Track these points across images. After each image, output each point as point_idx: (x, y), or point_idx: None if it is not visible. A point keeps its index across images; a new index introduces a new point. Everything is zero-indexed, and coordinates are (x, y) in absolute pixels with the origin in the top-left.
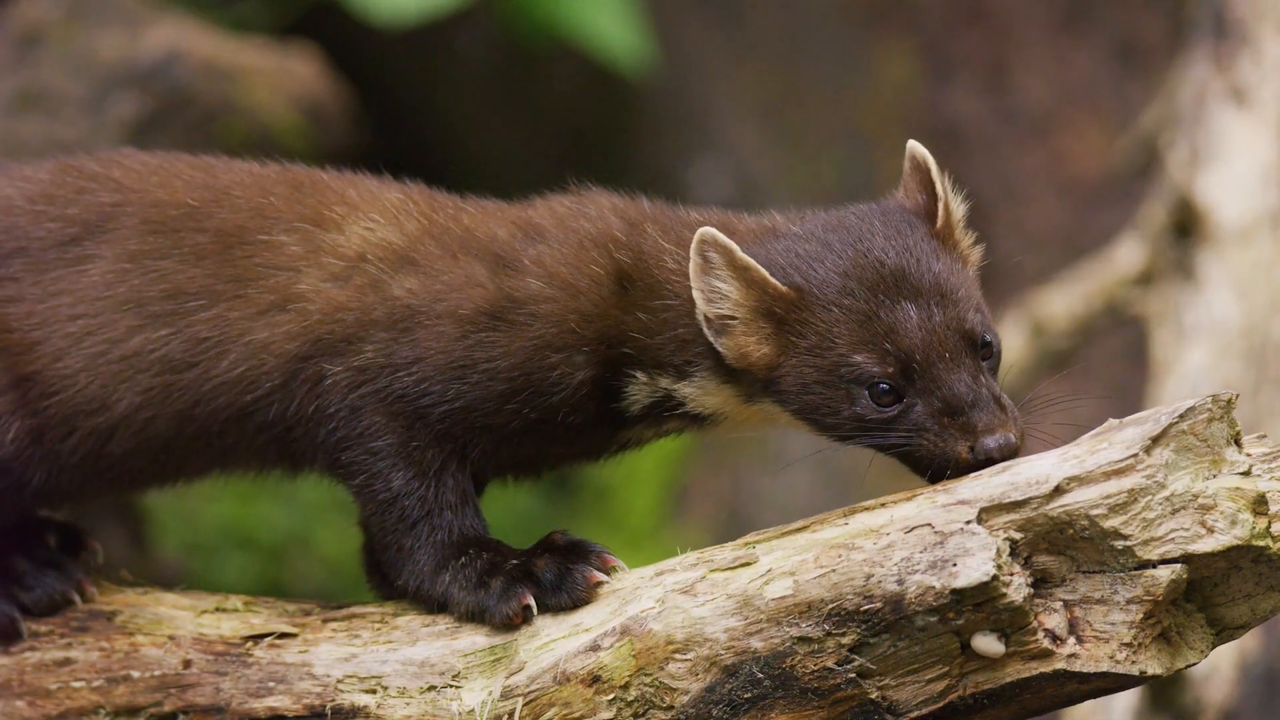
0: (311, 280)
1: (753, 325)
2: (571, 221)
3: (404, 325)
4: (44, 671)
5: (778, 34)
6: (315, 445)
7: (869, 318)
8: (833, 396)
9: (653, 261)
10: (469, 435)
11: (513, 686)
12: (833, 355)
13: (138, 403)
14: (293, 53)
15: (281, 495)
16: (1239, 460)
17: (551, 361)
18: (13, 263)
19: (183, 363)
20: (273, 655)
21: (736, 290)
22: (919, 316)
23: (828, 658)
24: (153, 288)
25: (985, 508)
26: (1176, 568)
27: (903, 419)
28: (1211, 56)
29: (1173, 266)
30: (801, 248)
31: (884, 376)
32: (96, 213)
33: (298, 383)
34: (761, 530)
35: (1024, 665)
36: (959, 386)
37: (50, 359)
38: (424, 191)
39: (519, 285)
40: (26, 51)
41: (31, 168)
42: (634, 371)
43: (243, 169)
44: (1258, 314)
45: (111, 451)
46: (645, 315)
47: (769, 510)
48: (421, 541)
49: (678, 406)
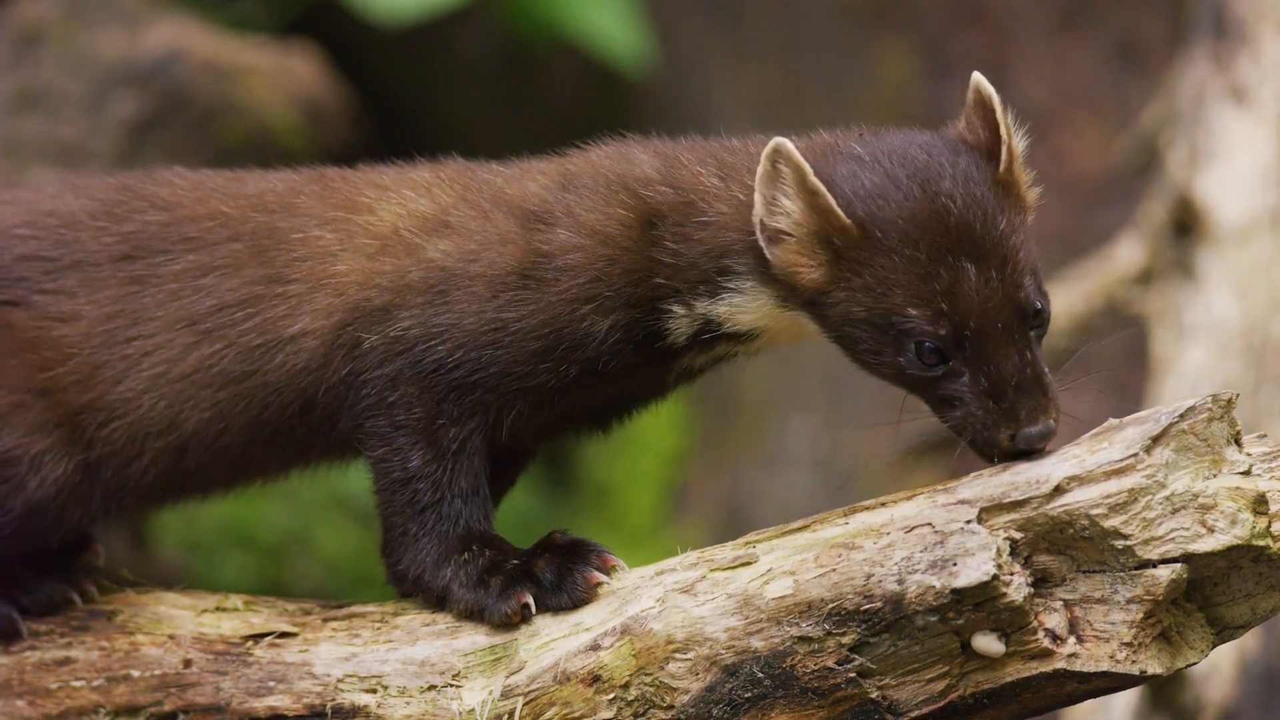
0: (348, 262)
1: (808, 248)
2: (603, 166)
3: (439, 289)
4: (44, 671)
5: (777, 33)
6: (344, 408)
7: (929, 274)
8: (878, 339)
9: (689, 187)
10: (503, 402)
11: (513, 686)
12: (887, 302)
13: (207, 418)
14: (292, 52)
15: (281, 494)
16: (1239, 460)
17: (582, 313)
18: (70, 276)
19: (241, 373)
20: (273, 654)
21: (799, 211)
22: (978, 281)
23: (828, 657)
24: (200, 304)
25: (985, 507)
26: (1177, 567)
27: (945, 383)
28: (1211, 56)
29: (1172, 265)
30: (866, 177)
31: (934, 338)
32: (148, 233)
33: (335, 350)
34: (761, 529)
35: (1024, 665)
36: (1007, 366)
37: (111, 383)
38: (457, 163)
39: (548, 238)
40: (26, 51)
41: (95, 182)
42: (669, 305)
43: (275, 176)
44: (1257, 313)
45: (186, 466)
46: (677, 243)
47: (769, 509)
48: (427, 530)
49: (718, 329)
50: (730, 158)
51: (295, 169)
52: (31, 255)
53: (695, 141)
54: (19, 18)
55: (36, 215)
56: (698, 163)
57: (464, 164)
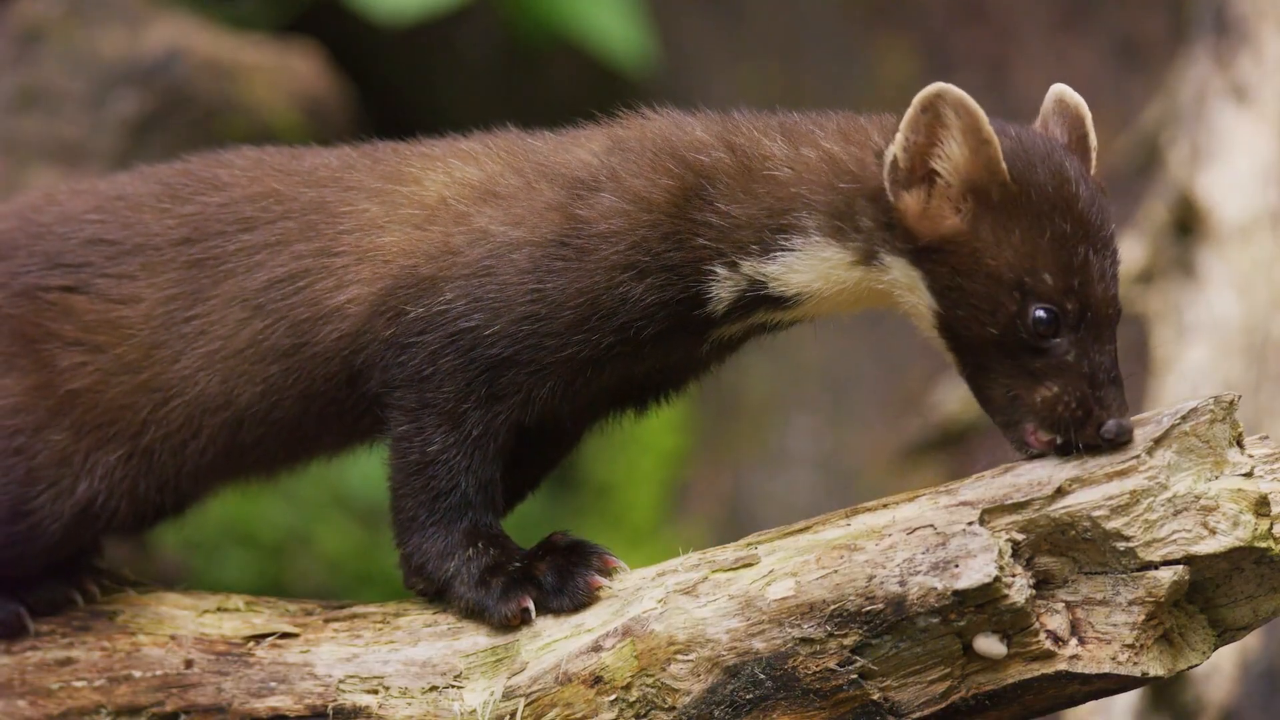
0: (394, 234)
1: (958, 195)
2: (653, 131)
3: (482, 262)
4: (46, 671)
5: (778, 31)
6: (378, 367)
7: (1073, 249)
8: (1000, 296)
9: (748, 149)
10: (535, 380)
11: (515, 687)
12: (1027, 261)
13: (259, 391)
14: (293, 50)
15: (282, 493)
16: (1241, 461)
17: (619, 280)
18: (134, 260)
19: (291, 346)
20: (274, 655)
21: (965, 158)
22: (1104, 271)
23: (830, 659)
24: (252, 281)
25: (987, 509)
26: (1178, 569)
27: (1047, 357)
28: (1212, 54)
29: (1173, 264)
30: (1011, 145)
31: (1061, 309)
32: (207, 214)
33: (378, 316)
34: (763, 530)
35: (1026, 666)
36: (1107, 359)
37: (169, 362)
38: (508, 133)
39: (591, 203)
40: (27, 49)
41: (164, 166)
42: (712, 266)
43: (329, 152)
44: (1258, 312)
45: (243, 441)
46: (729, 204)
47: (770, 509)
48: (437, 518)
49: (761, 289)
50: (793, 125)
51: (352, 144)
52: (97, 239)
53: (749, 112)
54: (20, 16)
55: (106, 200)
56: (756, 129)
57: (515, 133)
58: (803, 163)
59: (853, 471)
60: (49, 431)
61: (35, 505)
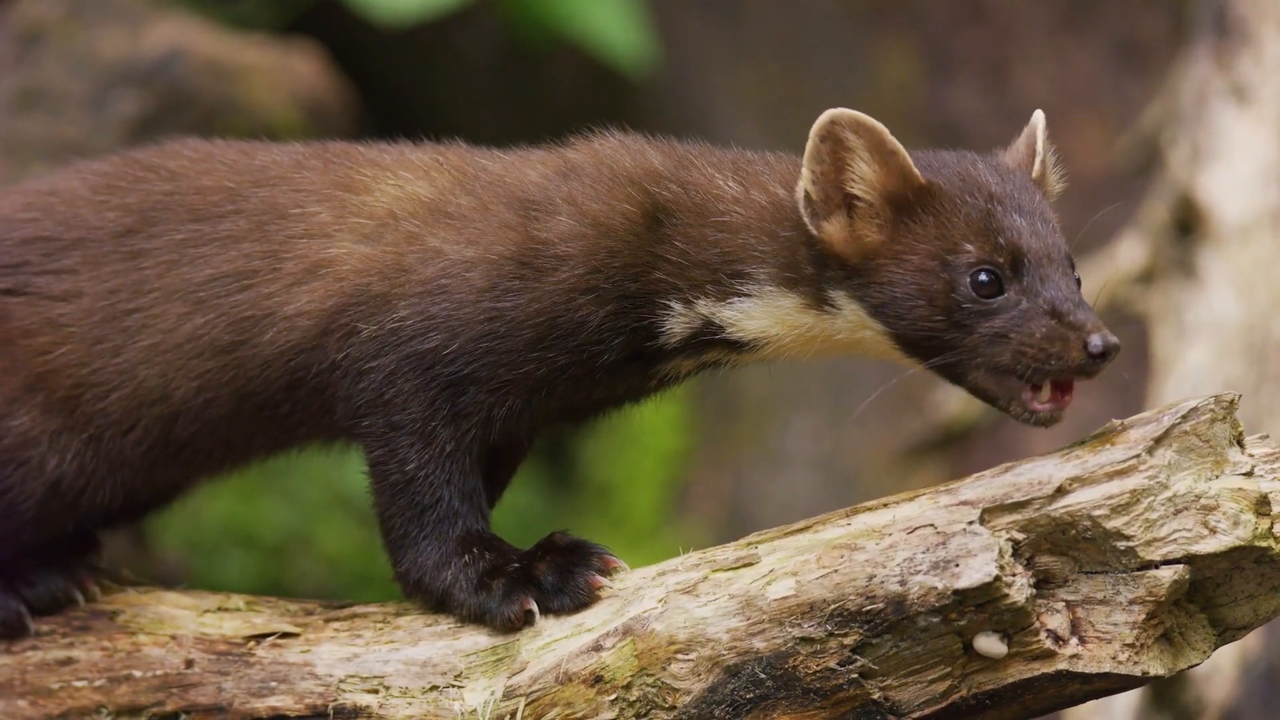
0: (344, 244)
1: (878, 210)
2: (609, 158)
3: (437, 281)
4: (46, 671)
5: (779, 32)
6: (340, 399)
7: (988, 214)
8: (930, 285)
9: (702, 187)
10: (496, 398)
11: (515, 686)
12: (944, 242)
13: (195, 386)
14: (294, 51)
15: (282, 493)
16: (1241, 461)
17: (578, 304)
18: (73, 255)
19: (230, 344)
20: (275, 655)
21: (876, 173)
22: (1033, 228)
23: (830, 658)
24: (197, 274)
25: (988, 508)
26: (1179, 568)
27: (1000, 315)
28: (1213, 55)
29: (1174, 265)
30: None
31: (993, 264)
32: (151, 203)
33: (329, 333)
34: (763, 530)
35: (1026, 666)
36: (1063, 290)
37: (109, 355)
38: (458, 148)
39: (548, 226)
40: (27, 50)
41: (100, 161)
42: (668, 301)
43: (281, 149)
44: (1259, 312)
45: (178, 437)
46: (685, 243)
47: (770, 509)
48: (427, 532)
49: (717, 332)
50: (747, 165)
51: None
52: (33, 238)
53: (702, 146)
54: (20, 17)
55: (37, 196)
56: (711, 166)
57: (464, 149)
58: (753, 207)
59: (853, 471)
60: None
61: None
